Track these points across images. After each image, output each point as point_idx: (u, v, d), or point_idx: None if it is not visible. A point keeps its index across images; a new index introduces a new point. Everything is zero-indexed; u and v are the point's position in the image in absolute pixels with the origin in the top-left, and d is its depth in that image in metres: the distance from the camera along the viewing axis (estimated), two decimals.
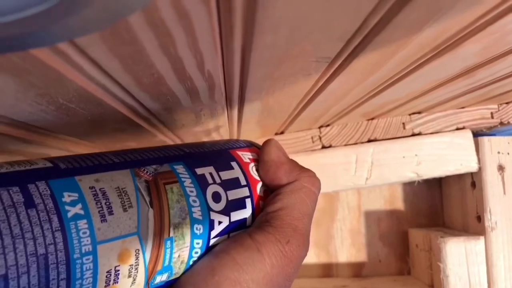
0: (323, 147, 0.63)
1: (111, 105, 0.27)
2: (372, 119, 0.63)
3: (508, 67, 0.39)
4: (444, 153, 0.63)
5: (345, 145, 0.63)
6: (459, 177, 0.69)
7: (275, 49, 0.22)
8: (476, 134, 0.67)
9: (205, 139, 0.53)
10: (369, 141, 0.64)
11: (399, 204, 0.77)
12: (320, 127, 0.63)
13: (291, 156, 0.62)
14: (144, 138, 0.42)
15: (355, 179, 0.63)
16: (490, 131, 0.69)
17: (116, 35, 0.15)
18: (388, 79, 0.37)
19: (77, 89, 0.21)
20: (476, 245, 0.62)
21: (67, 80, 0.19)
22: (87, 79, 0.20)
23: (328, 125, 0.63)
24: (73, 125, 0.30)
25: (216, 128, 0.48)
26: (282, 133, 0.63)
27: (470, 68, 0.37)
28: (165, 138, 0.44)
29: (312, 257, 0.75)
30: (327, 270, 0.75)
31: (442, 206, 0.77)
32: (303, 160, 0.62)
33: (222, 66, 0.23)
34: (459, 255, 0.62)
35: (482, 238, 0.63)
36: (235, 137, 0.58)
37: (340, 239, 0.76)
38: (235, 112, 0.40)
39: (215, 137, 0.54)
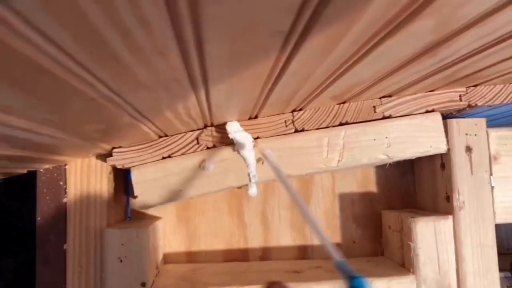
0: (296, 130, 0.64)
1: (71, 83, 0.27)
2: (344, 103, 0.64)
3: (468, 45, 0.40)
4: (414, 135, 0.65)
5: (317, 128, 0.64)
6: (430, 158, 0.71)
7: (224, 22, 0.22)
8: (446, 116, 0.69)
9: (177, 122, 0.53)
10: (341, 124, 0.65)
11: (373, 187, 0.78)
12: (293, 111, 0.64)
13: (265, 140, 0.63)
14: (112, 120, 0.43)
15: (327, 161, 0.64)
16: (460, 114, 0.71)
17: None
18: (348, 59, 0.38)
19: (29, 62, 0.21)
20: (445, 224, 0.64)
21: (15, 51, 0.19)
22: (36, 50, 0.20)
23: (300, 109, 0.64)
24: (33, 104, 0.30)
25: (187, 111, 0.48)
26: (256, 117, 0.64)
27: (430, 46, 0.38)
28: (132, 120, 0.45)
29: (288, 240, 0.76)
30: (303, 252, 0.77)
31: (414, 188, 0.78)
32: (276, 143, 0.64)
33: (175, 39, 0.24)
34: (428, 234, 0.64)
35: (450, 218, 0.65)
36: (208, 120, 0.58)
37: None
38: (202, 93, 0.40)
39: (188, 121, 0.55)
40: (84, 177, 0.65)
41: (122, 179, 0.73)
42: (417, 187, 0.78)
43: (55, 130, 0.41)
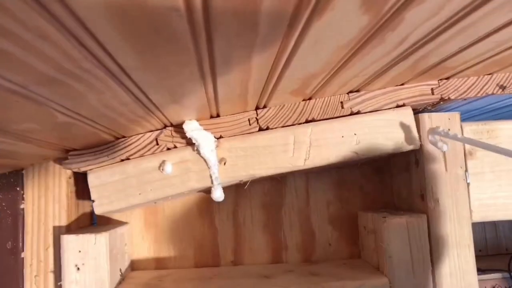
0: (260, 129, 0.62)
1: None
2: (310, 99, 0.62)
3: (415, 30, 0.38)
4: (384, 131, 0.62)
5: (283, 126, 0.62)
6: (405, 155, 0.68)
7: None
8: (420, 111, 0.66)
9: (123, 121, 0.51)
10: (307, 121, 0.62)
11: (349, 187, 0.75)
12: (256, 108, 0.61)
13: (228, 139, 0.60)
14: (43, 119, 0.40)
15: (293, 160, 0.61)
16: (434, 108, 0.68)
17: None
18: (282, 49, 0.35)
19: None
20: (419, 223, 0.61)
21: None
22: None
23: (265, 107, 0.61)
24: None
25: (131, 109, 0.46)
26: (217, 116, 0.61)
27: (369, 30, 0.35)
28: (69, 119, 0.42)
29: (260, 243, 0.74)
30: (277, 255, 0.74)
31: (391, 187, 0.75)
32: (240, 143, 0.61)
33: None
34: (401, 235, 0.61)
35: (424, 217, 0.61)
36: (165, 119, 0.55)
37: (289, 223, 0.74)
38: (132, 87, 0.38)
39: (137, 120, 0.52)
40: (42, 182, 0.63)
41: (86, 183, 0.70)
42: (393, 186, 0.75)
43: None
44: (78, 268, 0.58)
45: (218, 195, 0.62)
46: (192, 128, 0.59)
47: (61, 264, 0.59)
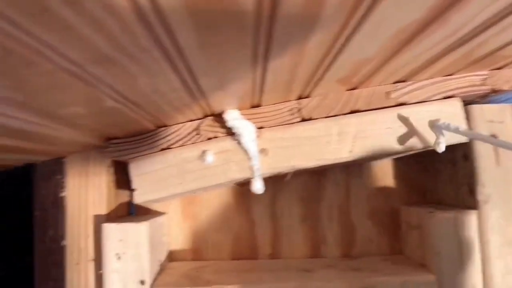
0: (303, 119, 0.60)
1: (17, 50, 0.24)
2: (354, 89, 0.60)
3: (482, 11, 0.36)
4: None
5: (326, 117, 0.60)
6: (451, 149, 0.65)
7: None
8: (468, 103, 0.63)
9: (170, 109, 0.50)
10: (352, 112, 0.60)
11: (390, 181, 0.73)
12: (298, 98, 0.60)
13: (269, 130, 0.59)
14: (91, 103, 0.40)
15: (336, 152, 0.59)
16: (484, 100, 0.65)
17: None
18: (341, 29, 0.33)
19: None
20: (468, 220, 0.59)
21: None
22: None
23: (307, 97, 0.60)
24: None
25: (178, 95, 0.45)
26: (258, 105, 0.60)
27: (436, 10, 0.34)
28: (116, 104, 0.42)
29: (299, 237, 0.72)
30: (316, 250, 0.72)
31: (435, 181, 0.73)
32: (282, 133, 0.60)
33: None
34: (449, 231, 0.58)
35: (474, 212, 0.59)
36: (207, 108, 0.54)
37: (328, 218, 0.72)
38: (184, 73, 0.37)
39: (182, 107, 0.51)
40: (83, 171, 0.63)
41: (124, 173, 0.70)
42: (438, 180, 0.72)
43: (29, 114, 0.38)
44: (119, 257, 0.58)
45: (258, 186, 0.61)
46: (233, 117, 0.58)
47: (102, 253, 0.58)
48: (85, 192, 0.63)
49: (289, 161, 0.60)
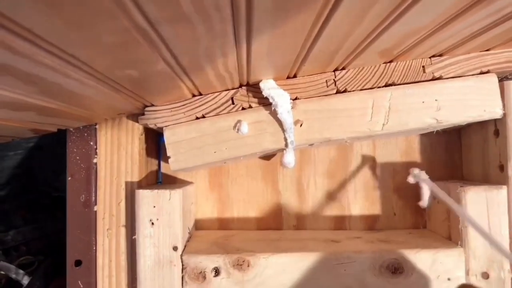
0: (338, 91, 0.60)
1: (104, 3, 0.24)
2: (390, 61, 0.60)
3: None
4: (466, 98, 0.60)
5: (361, 89, 0.60)
6: (481, 125, 0.66)
7: None
8: (503, 79, 0.63)
9: (212, 75, 0.50)
10: (387, 85, 0.60)
11: (416, 156, 0.73)
12: (334, 70, 0.60)
13: (304, 101, 0.59)
14: (146, 65, 0.39)
15: (371, 125, 0.59)
16: None
17: None
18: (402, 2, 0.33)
19: None
20: (498, 194, 0.59)
21: None
22: None
23: (343, 68, 0.60)
24: (59, 28, 0.27)
25: (225, 61, 0.45)
26: (294, 76, 0.60)
27: None
28: (166, 68, 0.41)
29: (324, 209, 0.73)
30: (340, 223, 0.73)
31: (460, 158, 0.73)
32: (316, 105, 0.60)
33: None
34: (479, 205, 0.59)
35: (504, 188, 0.60)
36: (244, 77, 0.54)
37: (353, 191, 0.73)
38: (243, 36, 0.37)
39: (224, 75, 0.51)
40: (115, 137, 0.63)
41: (153, 141, 0.70)
42: (464, 156, 0.73)
43: (84, 74, 0.38)
44: (153, 223, 0.59)
45: (289, 159, 0.61)
46: (269, 86, 0.57)
47: (136, 219, 0.59)
48: (117, 159, 0.63)
49: (323, 133, 0.60)
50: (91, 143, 0.63)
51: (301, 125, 0.59)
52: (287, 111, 0.58)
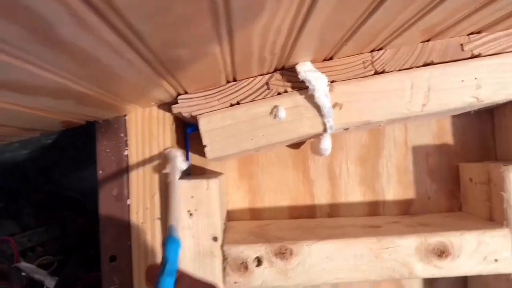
0: (376, 72, 0.58)
1: None
2: (428, 41, 0.58)
3: None
4: (506, 76, 0.58)
5: (399, 70, 0.58)
6: None
7: None
8: None
9: (256, 50, 0.48)
10: (425, 65, 0.59)
11: (448, 138, 0.72)
12: (371, 51, 0.58)
13: (341, 83, 0.58)
14: (198, 44, 0.38)
15: (410, 106, 0.58)
16: None
17: None
18: None
19: None
20: None
21: None
22: None
23: (380, 49, 0.58)
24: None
25: (275, 37, 0.43)
26: (331, 58, 0.58)
27: None
28: (216, 48, 0.40)
29: (357, 196, 0.72)
30: (373, 208, 0.72)
31: (494, 139, 0.72)
32: (354, 87, 0.58)
33: None
34: None
35: None
36: (283, 57, 0.53)
37: (386, 176, 0.72)
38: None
39: (267, 58, 0.50)
40: (146, 128, 0.61)
41: (182, 132, 0.68)
42: (497, 137, 0.71)
43: (136, 55, 0.36)
44: (191, 214, 0.57)
45: (326, 145, 0.60)
46: (306, 69, 0.56)
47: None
48: (149, 150, 0.61)
49: (362, 116, 0.58)
50: (121, 134, 0.61)
51: (340, 108, 0.58)
52: (325, 95, 0.56)
